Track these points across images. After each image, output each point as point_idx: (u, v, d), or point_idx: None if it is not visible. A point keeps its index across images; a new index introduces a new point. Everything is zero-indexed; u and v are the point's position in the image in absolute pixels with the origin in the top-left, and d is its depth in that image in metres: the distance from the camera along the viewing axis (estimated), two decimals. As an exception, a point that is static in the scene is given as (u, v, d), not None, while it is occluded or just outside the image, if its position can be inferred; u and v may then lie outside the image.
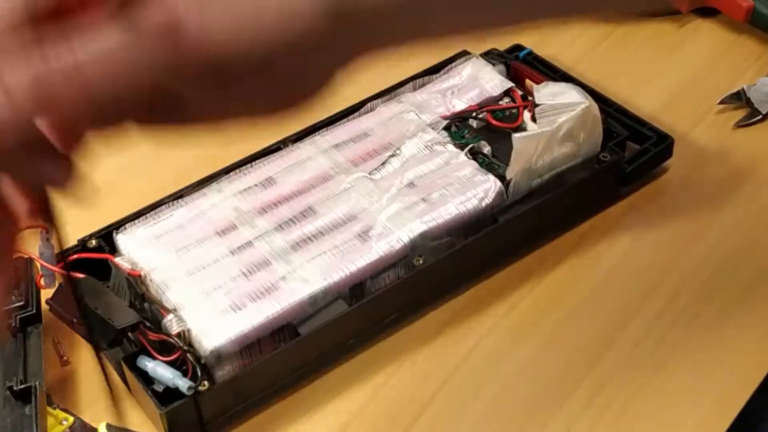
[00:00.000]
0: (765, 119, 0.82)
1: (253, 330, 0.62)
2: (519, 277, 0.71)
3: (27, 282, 0.67)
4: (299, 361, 0.65)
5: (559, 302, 0.69)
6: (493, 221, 0.69)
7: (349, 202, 0.70)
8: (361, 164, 0.73)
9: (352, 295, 0.66)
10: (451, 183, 0.70)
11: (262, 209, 0.70)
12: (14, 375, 0.62)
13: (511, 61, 0.82)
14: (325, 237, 0.68)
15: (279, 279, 0.65)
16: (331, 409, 0.65)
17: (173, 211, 0.71)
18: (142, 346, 0.63)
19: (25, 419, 0.60)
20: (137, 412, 0.65)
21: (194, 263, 0.67)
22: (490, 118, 0.76)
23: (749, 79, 0.85)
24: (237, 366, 0.63)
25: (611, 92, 0.82)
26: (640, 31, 0.91)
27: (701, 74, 0.86)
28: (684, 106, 0.83)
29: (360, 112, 0.78)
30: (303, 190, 0.71)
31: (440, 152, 0.73)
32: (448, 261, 0.68)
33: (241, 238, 0.68)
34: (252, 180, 0.73)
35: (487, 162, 0.73)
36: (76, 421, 0.63)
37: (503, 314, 0.69)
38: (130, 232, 0.69)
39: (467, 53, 0.82)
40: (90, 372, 0.67)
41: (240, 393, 0.63)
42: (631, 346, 0.66)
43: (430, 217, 0.68)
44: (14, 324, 0.65)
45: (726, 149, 0.80)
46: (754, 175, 0.77)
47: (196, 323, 0.63)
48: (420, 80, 0.80)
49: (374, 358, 0.66)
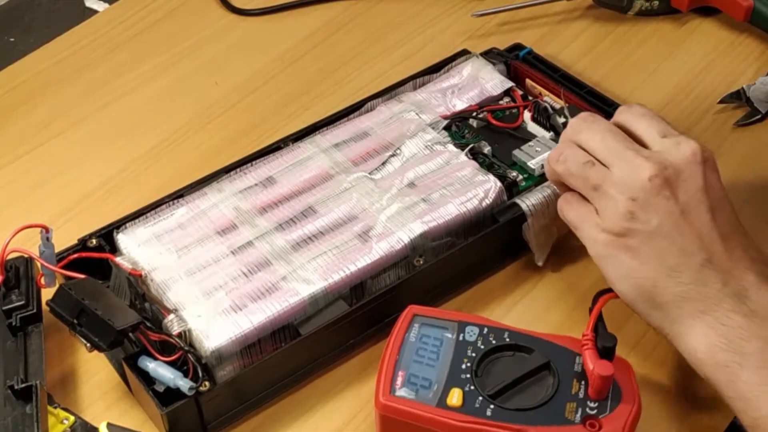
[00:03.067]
0: (765, 118, 0.82)
1: (253, 330, 0.63)
2: (519, 276, 0.72)
3: (27, 281, 0.67)
4: (300, 361, 0.65)
5: (559, 302, 0.70)
6: (493, 221, 0.69)
7: (350, 201, 0.70)
8: (361, 164, 0.73)
9: (352, 295, 0.66)
10: (451, 183, 0.70)
11: (263, 209, 0.70)
12: (15, 374, 0.62)
13: (511, 61, 0.82)
14: (326, 237, 0.68)
15: (280, 279, 0.65)
16: (331, 409, 0.65)
17: (174, 210, 0.71)
18: (143, 347, 0.63)
19: (26, 418, 0.60)
20: (138, 412, 0.65)
21: (195, 263, 0.67)
22: (490, 117, 0.76)
23: (749, 78, 0.85)
24: (238, 366, 0.63)
25: (611, 91, 0.82)
26: (640, 31, 0.91)
27: (701, 73, 0.86)
28: (684, 106, 0.83)
29: (360, 112, 0.78)
30: (303, 189, 0.72)
31: (440, 152, 0.73)
32: (448, 261, 0.68)
33: (242, 238, 0.68)
34: (252, 179, 0.73)
35: (487, 162, 0.73)
36: (77, 420, 0.63)
37: (504, 314, 0.69)
38: (131, 231, 0.69)
39: (467, 52, 0.82)
40: (90, 372, 0.67)
41: (241, 393, 0.63)
42: (628, 348, 0.66)
43: (431, 217, 0.68)
44: (15, 323, 0.65)
45: (726, 148, 0.80)
46: (754, 174, 0.77)
47: (197, 323, 0.63)
48: (420, 79, 0.80)
49: (375, 358, 0.66)
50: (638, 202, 0.59)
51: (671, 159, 0.60)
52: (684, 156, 0.60)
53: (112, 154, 0.84)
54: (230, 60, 0.92)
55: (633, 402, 0.57)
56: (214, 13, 0.97)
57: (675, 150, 0.60)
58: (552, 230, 0.70)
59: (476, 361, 0.59)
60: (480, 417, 0.57)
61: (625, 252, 0.59)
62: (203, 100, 0.88)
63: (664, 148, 0.60)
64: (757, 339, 0.56)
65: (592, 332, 0.59)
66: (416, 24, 0.94)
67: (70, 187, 0.81)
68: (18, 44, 0.96)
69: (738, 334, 0.56)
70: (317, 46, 0.93)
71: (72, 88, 0.90)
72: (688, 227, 0.58)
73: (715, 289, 0.58)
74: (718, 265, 0.58)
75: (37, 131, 0.86)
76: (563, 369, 0.59)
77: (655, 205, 0.59)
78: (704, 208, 0.59)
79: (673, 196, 0.59)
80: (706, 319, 0.57)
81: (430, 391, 0.58)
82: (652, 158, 0.60)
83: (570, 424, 0.56)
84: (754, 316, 0.56)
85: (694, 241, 0.58)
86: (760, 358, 0.55)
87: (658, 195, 0.58)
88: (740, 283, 0.58)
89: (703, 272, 0.58)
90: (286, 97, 0.88)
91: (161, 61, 0.93)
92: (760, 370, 0.55)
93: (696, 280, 0.58)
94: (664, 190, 0.59)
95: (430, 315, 0.62)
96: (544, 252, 0.71)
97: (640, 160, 0.59)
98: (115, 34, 0.96)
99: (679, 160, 0.59)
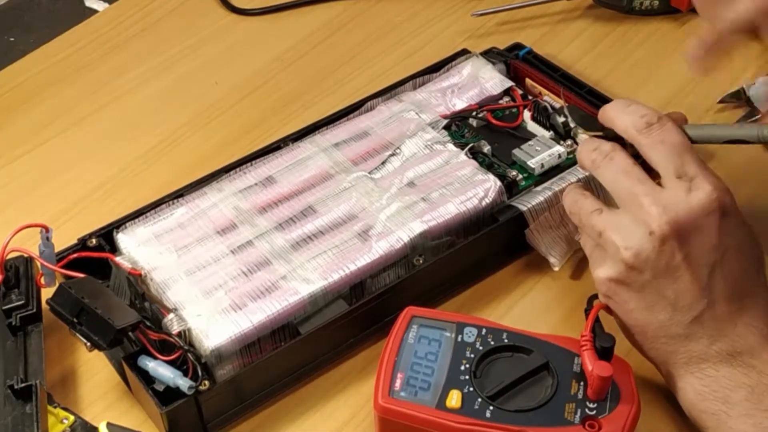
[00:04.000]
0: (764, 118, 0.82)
1: (253, 329, 0.63)
2: (519, 276, 0.72)
3: (27, 281, 0.67)
4: (299, 361, 0.65)
5: (559, 302, 0.70)
6: (493, 221, 0.70)
7: (350, 201, 0.70)
8: (361, 163, 0.73)
9: (352, 295, 0.66)
10: (451, 182, 0.70)
11: (263, 208, 0.70)
12: (15, 374, 0.62)
13: (511, 60, 0.82)
14: (326, 236, 0.68)
15: (279, 278, 0.65)
16: (331, 408, 0.65)
17: (173, 210, 0.71)
18: (142, 346, 0.63)
19: (26, 418, 0.60)
20: (138, 411, 0.65)
21: (194, 262, 0.67)
22: (490, 117, 0.76)
23: (749, 78, 0.85)
24: (237, 365, 0.63)
25: (611, 91, 0.82)
26: (640, 31, 0.91)
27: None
28: (684, 105, 0.83)
29: (360, 111, 0.78)
30: (303, 189, 0.72)
31: (440, 151, 0.73)
32: (448, 261, 0.68)
33: (242, 237, 0.68)
34: (252, 179, 0.73)
35: (487, 161, 0.73)
36: (77, 419, 0.63)
37: (503, 313, 0.69)
38: (131, 230, 0.69)
39: (467, 52, 0.82)
40: (90, 371, 0.67)
41: (240, 392, 0.63)
42: (628, 348, 0.66)
43: (430, 217, 0.68)
44: (15, 323, 0.65)
45: (725, 148, 0.79)
46: (754, 174, 0.77)
47: (196, 322, 0.63)
48: (420, 79, 0.80)
49: (374, 357, 0.65)
50: (636, 254, 0.57)
51: (680, 210, 0.56)
52: (694, 207, 0.56)
53: (112, 154, 0.84)
54: (230, 60, 0.92)
55: (632, 402, 0.58)
56: (214, 13, 0.97)
57: (685, 199, 0.57)
58: (564, 232, 0.70)
59: (475, 362, 0.59)
60: (479, 419, 0.57)
61: (621, 297, 0.59)
62: (203, 100, 0.88)
63: (675, 193, 0.57)
64: (742, 388, 0.56)
65: (590, 333, 0.59)
66: (416, 24, 0.94)
67: (70, 187, 0.81)
68: (18, 44, 0.96)
69: (724, 384, 0.57)
70: (317, 46, 0.93)
71: (72, 88, 0.91)
72: (684, 283, 0.57)
73: (702, 345, 0.57)
74: (710, 323, 0.57)
75: (37, 131, 0.86)
76: (562, 369, 0.59)
77: (654, 260, 0.57)
78: (706, 263, 0.57)
79: (676, 249, 0.56)
80: (692, 370, 0.58)
81: (429, 392, 0.58)
82: (659, 206, 0.57)
83: (569, 425, 0.56)
84: (740, 365, 0.57)
85: (687, 296, 0.57)
86: (745, 406, 0.56)
87: (657, 249, 0.57)
88: (734, 343, 0.57)
89: (691, 328, 0.57)
90: (286, 96, 0.88)
91: (161, 61, 0.93)
92: (745, 418, 0.55)
93: (684, 336, 0.58)
94: (666, 245, 0.56)
95: (428, 316, 0.62)
96: (559, 254, 0.71)
97: (646, 211, 0.57)
98: (114, 33, 0.96)
99: (689, 212, 0.56)
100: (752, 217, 0.71)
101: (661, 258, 0.57)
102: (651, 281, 0.57)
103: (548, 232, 0.70)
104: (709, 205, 0.57)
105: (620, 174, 0.59)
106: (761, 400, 0.55)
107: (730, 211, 0.58)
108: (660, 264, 0.57)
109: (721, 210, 0.57)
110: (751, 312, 0.58)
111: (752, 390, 0.56)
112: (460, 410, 0.57)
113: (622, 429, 0.56)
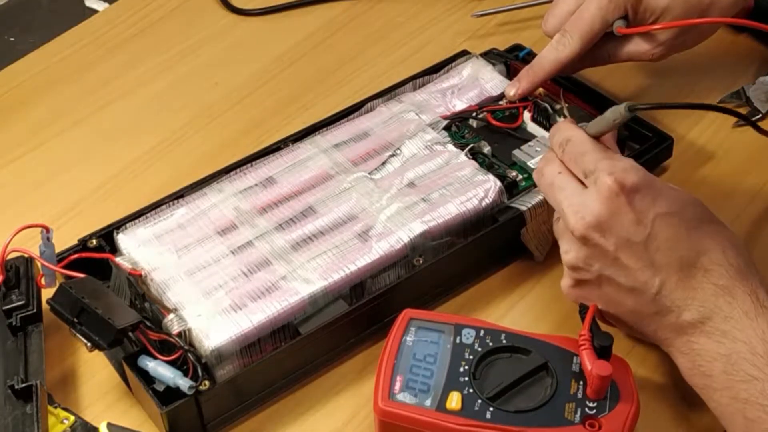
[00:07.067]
0: (765, 118, 0.82)
1: (253, 329, 0.63)
2: (519, 277, 0.72)
3: (28, 281, 0.67)
4: (299, 361, 0.65)
5: (558, 303, 0.70)
6: (493, 221, 0.70)
7: (350, 201, 0.70)
8: (361, 164, 0.73)
9: (352, 295, 0.66)
10: (451, 183, 0.70)
11: (263, 209, 0.70)
12: (15, 374, 0.62)
13: (510, 61, 0.82)
14: (326, 237, 0.68)
15: (279, 278, 0.65)
16: (331, 408, 0.65)
17: (174, 210, 0.71)
18: (142, 346, 0.63)
19: (26, 418, 0.60)
20: (138, 411, 0.65)
21: (195, 263, 0.67)
22: (490, 117, 0.76)
23: (749, 78, 0.85)
24: (237, 365, 0.63)
25: (611, 92, 0.82)
26: (640, 31, 0.91)
27: (701, 74, 0.86)
28: (684, 105, 0.84)
29: (360, 112, 0.78)
30: (303, 189, 0.72)
31: (440, 152, 0.73)
32: (448, 261, 0.68)
33: (242, 238, 0.68)
34: (252, 180, 0.73)
35: (487, 162, 0.73)
36: (77, 420, 0.63)
37: (503, 313, 0.69)
38: (131, 231, 0.70)
39: (467, 53, 0.82)
40: (90, 371, 0.67)
41: (240, 392, 0.63)
42: (627, 348, 0.66)
43: (430, 217, 0.68)
44: (15, 323, 0.65)
45: (725, 148, 0.80)
46: (754, 174, 0.77)
47: (196, 323, 0.63)
48: (420, 80, 0.80)
49: (374, 357, 0.66)
50: (573, 257, 0.60)
51: (589, 205, 0.58)
52: (598, 198, 0.58)
53: (112, 154, 0.84)
54: (230, 60, 0.92)
55: (632, 401, 0.58)
56: (214, 13, 0.97)
57: (593, 191, 0.59)
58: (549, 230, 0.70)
59: (474, 364, 0.59)
60: (480, 420, 0.57)
61: (589, 298, 0.61)
62: (203, 101, 0.88)
63: (586, 192, 0.59)
64: (718, 360, 0.56)
65: (588, 332, 0.59)
66: (416, 24, 0.94)
67: (70, 187, 0.81)
68: (18, 44, 0.96)
69: (705, 358, 0.57)
70: (317, 47, 0.93)
71: (72, 88, 0.91)
72: (628, 265, 0.58)
73: (674, 317, 0.58)
74: (672, 293, 0.57)
75: (37, 131, 0.86)
76: (561, 369, 0.59)
77: (589, 257, 0.59)
78: (639, 241, 0.58)
79: (603, 240, 0.58)
80: (678, 346, 0.58)
81: (429, 394, 0.58)
82: (573, 208, 0.59)
83: (570, 425, 0.56)
84: (714, 333, 0.57)
85: (638, 276, 0.58)
86: (724, 379, 0.56)
87: (585, 248, 0.59)
88: (702, 308, 0.57)
89: (658, 304, 0.58)
90: (286, 97, 0.88)
91: (161, 61, 0.93)
92: (724, 391, 0.56)
93: (655, 313, 0.58)
94: (590, 241, 0.58)
95: (425, 318, 0.62)
96: (544, 249, 0.71)
97: (567, 216, 0.59)
98: (115, 33, 0.96)
99: (596, 203, 0.58)
100: (757, 209, 0.72)
101: (595, 252, 0.58)
102: (602, 275, 0.59)
103: (540, 228, 0.70)
104: (609, 191, 0.58)
105: (548, 188, 0.63)
106: (736, 370, 0.55)
107: (641, 186, 0.58)
108: (598, 257, 0.59)
109: (627, 188, 0.58)
110: (708, 269, 0.58)
111: (728, 359, 0.56)
112: (461, 412, 0.57)
113: (622, 428, 0.57)
